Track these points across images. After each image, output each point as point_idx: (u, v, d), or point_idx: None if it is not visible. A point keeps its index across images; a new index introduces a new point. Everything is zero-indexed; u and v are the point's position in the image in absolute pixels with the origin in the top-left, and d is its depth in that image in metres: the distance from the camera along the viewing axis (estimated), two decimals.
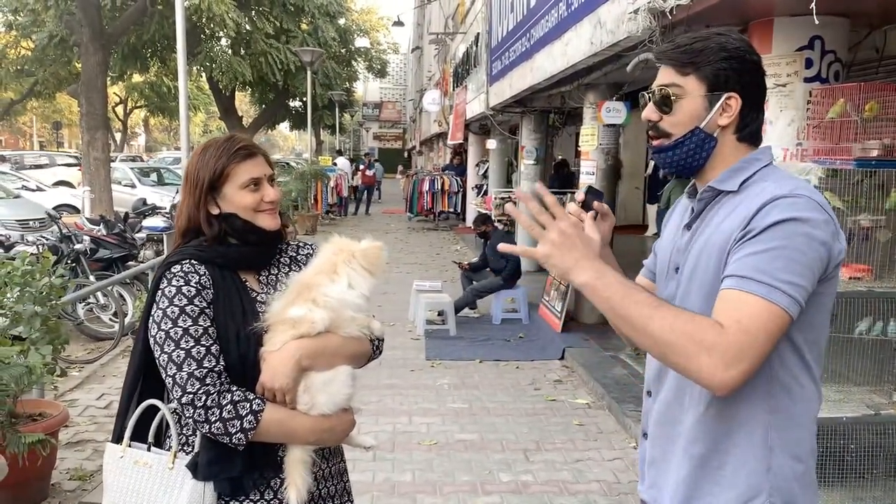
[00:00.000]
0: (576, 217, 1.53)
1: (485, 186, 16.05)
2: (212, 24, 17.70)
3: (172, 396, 1.57)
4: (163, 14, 16.45)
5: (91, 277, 7.15)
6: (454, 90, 17.69)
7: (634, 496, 3.95)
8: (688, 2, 3.80)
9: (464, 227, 17.23)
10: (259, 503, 1.65)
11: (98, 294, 6.90)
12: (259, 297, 1.73)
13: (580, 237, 1.39)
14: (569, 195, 10.98)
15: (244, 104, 37.93)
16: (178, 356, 1.56)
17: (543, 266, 1.44)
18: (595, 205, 1.57)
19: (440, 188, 18.63)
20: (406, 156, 48.03)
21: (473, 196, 16.96)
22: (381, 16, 38.70)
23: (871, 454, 3.63)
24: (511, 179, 15.06)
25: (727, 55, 1.45)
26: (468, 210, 17.55)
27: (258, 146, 1.79)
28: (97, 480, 4.04)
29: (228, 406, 1.55)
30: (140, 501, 1.61)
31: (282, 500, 1.65)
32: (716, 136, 1.49)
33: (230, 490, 1.61)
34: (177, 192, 13.10)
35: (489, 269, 8.23)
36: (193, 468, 1.59)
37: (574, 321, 7.79)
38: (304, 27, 22.30)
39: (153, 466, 1.62)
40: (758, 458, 1.42)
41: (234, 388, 1.58)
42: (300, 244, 1.91)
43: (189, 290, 1.62)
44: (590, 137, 7.75)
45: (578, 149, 9.26)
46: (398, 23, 24.42)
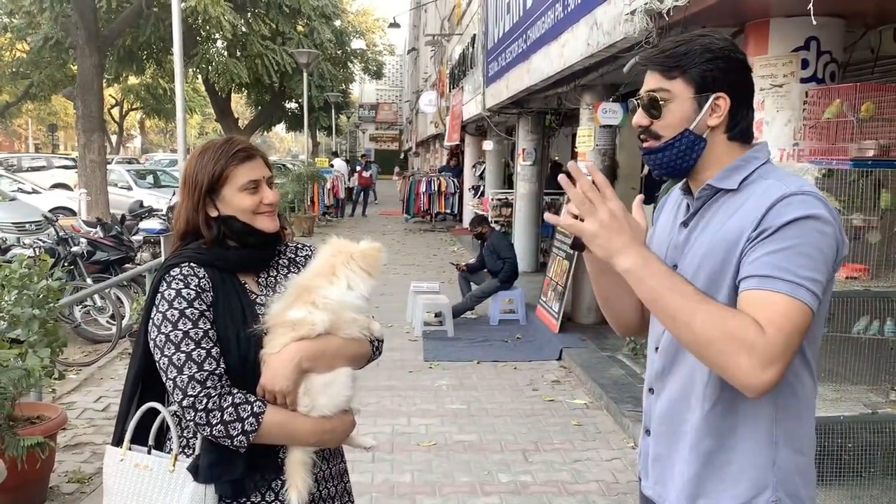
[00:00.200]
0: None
1: (481, 188, 16.04)
2: (208, 26, 17.68)
3: (173, 400, 1.57)
4: (158, 16, 16.45)
5: (88, 280, 7.14)
6: (451, 91, 17.68)
7: (633, 496, 3.96)
8: (684, 3, 3.81)
9: (461, 229, 17.23)
10: None
11: (95, 297, 6.90)
12: (258, 300, 1.73)
13: (629, 221, 1.38)
14: (565, 196, 11.00)
15: (240, 106, 37.92)
16: (179, 359, 1.56)
17: (586, 244, 1.40)
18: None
19: (437, 189, 18.64)
20: (402, 157, 48.01)
21: (470, 197, 16.95)
22: (377, 17, 38.82)
23: (869, 453, 3.64)
24: (507, 181, 15.07)
25: (712, 56, 1.45)
26: (465, 211, 17.55)
27: (256, 148, 1.79)
28: (96, 483, 4.03)
29: (230, 409, 1.55)
30: None
31: (283, 502, 1.65)
32: (705, 138, 1.49)
33: (231, 492, 1.61)
34: (173, 195, 13.08)
35: (486, 270, 8.24)
36: (194, 471, 1.59)
37: (571, 322, 7.80)
38: (300, 29, 22.28)
39: (154, 469, 1.62)
40: (764, 454, 1.44)
41: (235, 391, 1.58)
42: (298, 246, 1.91)
43: (189, 293, 1.62)
44: (586, 138, 7.76)
45: (575, 150, 9.26)
46: (394, 24, 24.35)
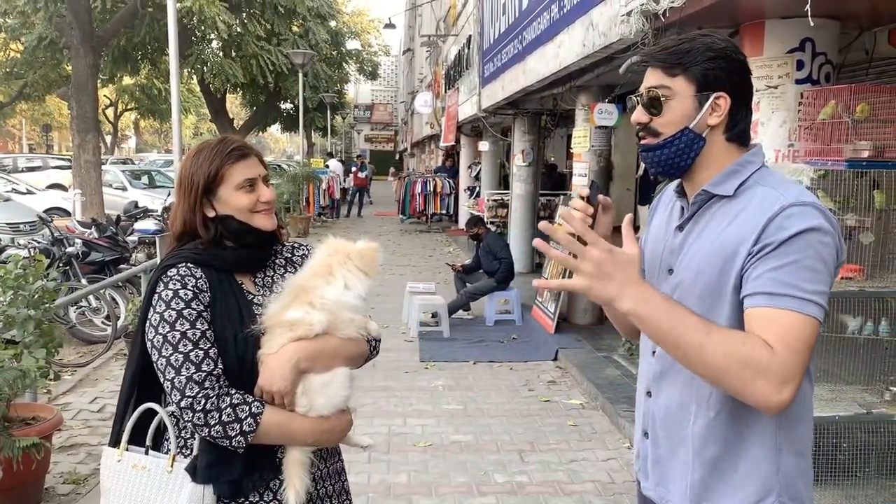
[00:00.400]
0: (583, 213, 1.52)
1: (477, 188, 16.05)
2: (203, 27, 17.65)
3: (171, 400, 1.57)
4: (153, 16, 16.38)
5: (83, 281, 7.13)
6: (446, 92, 17.69)
7: (629, 496, 3.96)
8: (680, 4, 3.82)
9: (456, 229, 17.24)
10: None
11: (90, 297, 6.88)
12: (255, 300, 1.73)
13: (615, 261, 1.33)
14: (561, 197, 11.02)
15: (235, 106, 37.83)
16: (177, 360, 1.56)
17: (590, 299, 1.38)
18: (599, 198, 1.57)
19: (432, 190, 18.63)
20: (398, 158, 48.03)
21: (466, 198, 16.96)
22: (373, 18, 38.74)
23: (864, 453, 3.66)
24: (503, 181, 15.09)
25: (714, 55, 1.45)
26: (461, 212, 17.56)
27: (251, 147, 1.79)
28: (91, 484, 4.02)
29: (228, 409, 1.55)
30: None
31: (281, 502, 1.65)
32: (704, 137, 1.48)
33: (230, 492, 1.61)
34: (168, 195, 13.05)
35: (482, 271, 8.24)
36: (192, 471, 1.59)
37: (567, 322, 7.81)
38: (296, 29, 22.22)
39: (151, 470, 1.62)
40: (769, 460, 1.44)
41: (233, 391, 1.58)
42: (295, 245, 1.91)
43: (186, 294, 1.61)
44: (582, 139, 7.77)
45: (571, 150, 9.28)
46: (389, 25, 24.33)
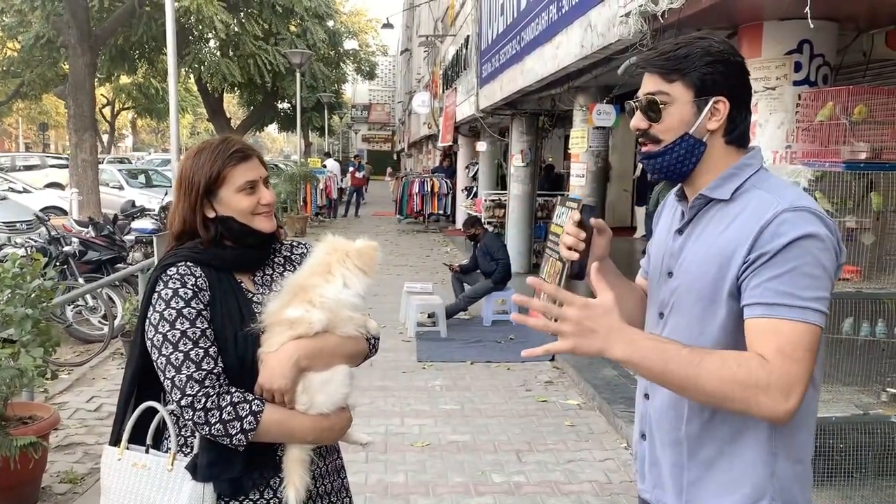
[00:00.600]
0: (575, 237, 1.52)
1: (474, 189, 16.06)
2: (201, 26, 17.62)
3: (171, 399, 1.57)
4: (151, 15, 16.37)
5: (80, 280, 7.12)
6: (444, 92, 17.70)
7: (626, 496, 3.97)
8: (679, 5, 3.83)
9: (454, 230, 17.24)
10: (259, 502, 1.65)
11: (87, 296, 6.87)
12: (255, 298, 1.73)
13: (593, 315, 1.33)
14: (558, 197, 11.02)
15: (232, 106, 37.75)
16: (177, 358, 1.56)
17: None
18: (592, 221, 1.55)
19: (430, 190, 18.64)
20: (395, 158, 48.01)
21: (463, 198, 16.97)
22: (370, 18, 38.75)
23: (860, 453, 3.67)
24: (501, 182, 15.09)
25: (712, 59, 1.45)
26: (458, 212, 17.57)
27: (252, 148, 1.78)
28: (88, 484, 4.02)
29: (228, 407, 1.55)
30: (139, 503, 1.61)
31: (281, 499, 1.65)
32: (705, 141, 1.48)
33: (230, 490, 1.61)
34: (166, 194, 13.03)
35: (479, 271, 8.24)
36: (193, 469, 1.59)
37: None
38: (293, 29, 22.22)
39: (152, 468, 1.62)
40: (763, 463, 1.44)
41: (234, 390, 1.58)
42: (293, 243, 1.91)
43: (186, 293, 1.61)
44: (580, 140, 7.77)
45: (568, 151, 9.29)
46: (387, 25, 24.33)
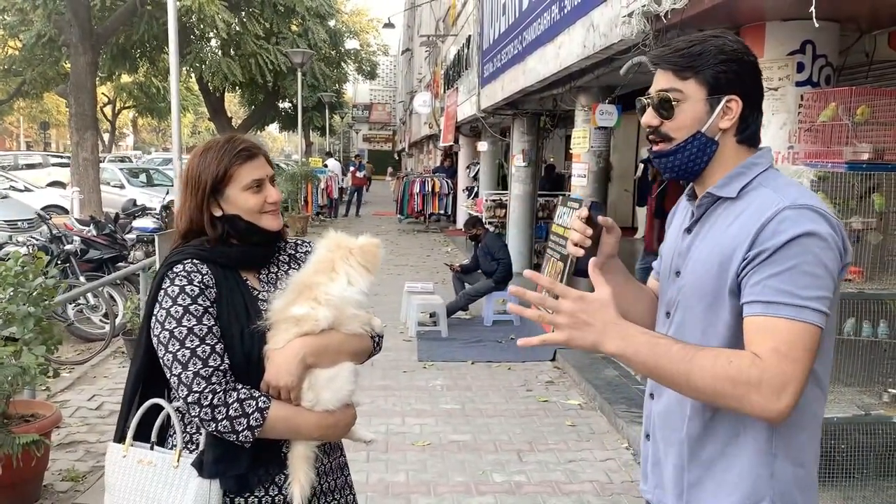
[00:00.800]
0: (582, 234, 1.52)
1: (475, 189, 16.06)
2: (202, 25, 17.63)
3: (178, 396, 1.58)
4: (152, 14, 16.36)
5: (81, 278, 7.13)
6: (445, 92, 17.69)
7: (627, 496, 3.98)
8: (682, 6, 3.83)
9: (454, 230, 17.25)
10: (264, 499, 1.66)
11: (88, 295, 6.88)
12: (260, 296, 1.73)
13: (588, 308, 1.33)
14: (559, 197, 11.03)
15: (234, 105, 37.78)
16: (184, 355, 1.56)
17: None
18: (600, 219, 1.54)
19: (431, 190, 18.65)
20: (396, 157, 48.01)
21: (464, 198, 16.97)
22: (372, 17, 38.71)
23: (861, 454, 3.67)
24: (502, 182, 15.10)
25: (726, 57, 1.44)
26: (459, 212, 17.57)
27: (259, 146, 1.78)
28: (90, 481, 4.02)
29: (235, 404, 1.55)
30: (145, 501, 1.61)
31: (286, 496, 1.66)
32: (717, 140, 1.47)
33: (236, 487, 1.62)
34: (167, 193, 13.03)
35: (480, 271, 8.25)
36: (199, 466, 1.60)
37: None
38: (295, 29, 22.23)
39: (158, 465, 1.62)
40: (762, 464, 1.43)
41: (240, 387, 1.59)
42: (298, 241, 1.92)
43: (192, 290, 1.62)
44: (581, 140, 7.77)
45: (570, 151, 9.28)
46: (389, 25, 24.33)
